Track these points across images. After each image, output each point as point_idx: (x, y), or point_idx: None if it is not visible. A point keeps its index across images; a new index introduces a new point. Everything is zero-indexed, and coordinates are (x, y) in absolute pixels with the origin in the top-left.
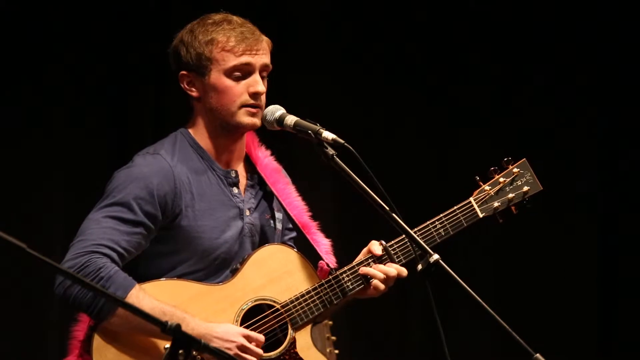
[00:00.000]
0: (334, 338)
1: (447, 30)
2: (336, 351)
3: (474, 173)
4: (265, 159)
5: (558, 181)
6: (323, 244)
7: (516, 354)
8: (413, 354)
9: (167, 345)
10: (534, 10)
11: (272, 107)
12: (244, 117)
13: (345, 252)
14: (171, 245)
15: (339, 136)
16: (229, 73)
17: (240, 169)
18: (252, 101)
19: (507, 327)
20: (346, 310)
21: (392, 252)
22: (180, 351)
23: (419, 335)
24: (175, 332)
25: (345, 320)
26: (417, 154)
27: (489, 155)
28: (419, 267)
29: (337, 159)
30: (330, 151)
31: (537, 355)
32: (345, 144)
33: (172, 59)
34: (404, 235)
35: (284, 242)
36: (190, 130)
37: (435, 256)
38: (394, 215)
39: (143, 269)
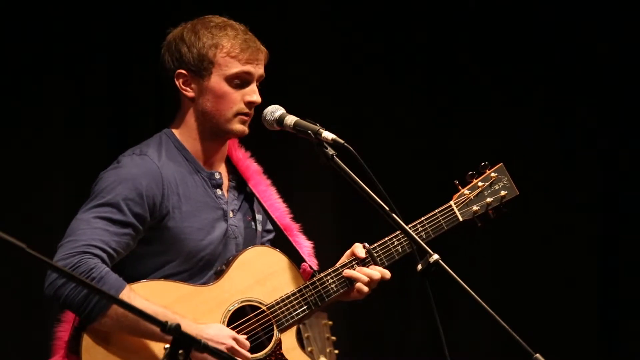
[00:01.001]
0: (333, 338)
1: (448, 30)
2: (336, 351)
3: (454, 180)
4: (246, 160)
5: (558, 181)
6: (305, 246)
7: (516, 354)
8: (413, 354)
9: (159, 345)
10: (534, 10)
11: (271, 107)
12: (236, 125)
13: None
14: (157, 246)
15: (338, 136)
16: (230, 79)
17: (223, 170)
18: (246, 110)
19: (507, 327)
20: (346, 311)
21: (376, 254)
22: (180, 351)
23: (419, 335)
24: (175, 332)
25: (346, 320)
26: (417, 154)
27: (489, 156)
28: (419, 267)
29: (337, 159)
30: (330, 151)
31: (537, 355)
32: (345, 144)
33: (169, 56)
34: (386, 238)
35: (264, 244)
36: (174, 131)
37: (435, 256)
38: (393, 215)
39: (129, 269)
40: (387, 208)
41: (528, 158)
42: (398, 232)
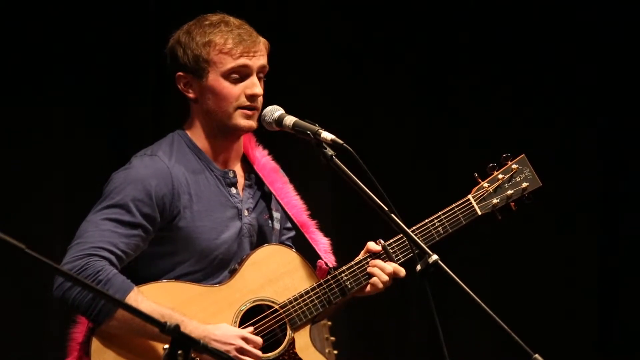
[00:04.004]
0: (332, 338)
1: (447, 30)
2: (335, 351)
3: (474, 173)
4: (262, 158)
5: (558, 181)
6: (322, 243)
7: (515, 355)
8: (413, 354)
9: (167, 346)
10: (535, 10)
11: (271, 108)
12: (240, 120)
13: (345, 251)
14: (170, 247)
15: (337, 136)
16: (227, 75)
17: (238, 168)
18: (248, 103)
19: (506, 327)
20: (346, 311)
21: (391, 250)
22: (179, 352)
23: (419, 335)
24: (174, 333)
25: (345, 320)
26: (417, 154)
27: (489, 156)
28: (418, 267)
29: (336, 159)
30: (330, 152)
31: (536, 355)
32: (344, 144)
33: (168, 60)
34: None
35: (282, 242)
36: (187, 132)
37: (434, 256)
38: (392, 215)
39: (142, 270)
40: (386, 208)
41: (528, 157)
42: (413, 228)
